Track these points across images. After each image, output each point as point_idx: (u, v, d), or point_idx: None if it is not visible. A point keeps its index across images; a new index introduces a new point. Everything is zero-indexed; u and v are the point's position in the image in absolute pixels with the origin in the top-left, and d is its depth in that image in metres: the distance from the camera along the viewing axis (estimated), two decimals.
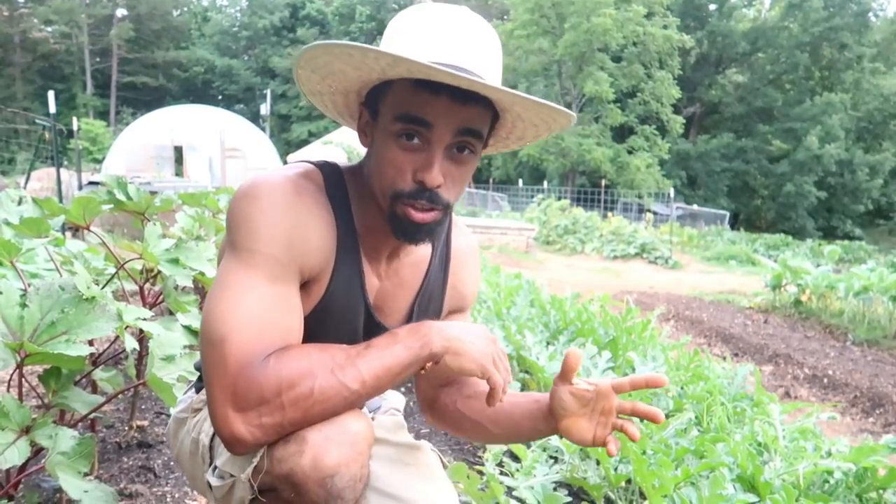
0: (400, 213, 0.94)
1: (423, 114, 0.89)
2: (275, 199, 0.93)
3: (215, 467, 0.99)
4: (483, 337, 0.96)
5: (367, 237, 1.03)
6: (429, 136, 0.91)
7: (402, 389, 3.14)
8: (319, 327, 0.99)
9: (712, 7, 32.03)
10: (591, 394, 1.04)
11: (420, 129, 0.90)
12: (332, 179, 1.01)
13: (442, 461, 1.16)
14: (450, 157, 0.93)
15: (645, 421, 2.15)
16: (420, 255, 1.11)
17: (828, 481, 1.85)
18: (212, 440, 1.05)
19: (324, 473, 0.86)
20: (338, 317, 1.02)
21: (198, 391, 1.17)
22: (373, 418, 1.18)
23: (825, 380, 4.55)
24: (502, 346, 1.01)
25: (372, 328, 1.06)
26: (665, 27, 24.85)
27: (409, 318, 1.12)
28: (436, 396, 1.24)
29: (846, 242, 20.77)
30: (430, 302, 1.14)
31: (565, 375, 1.04)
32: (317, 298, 0.99)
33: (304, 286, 0.98)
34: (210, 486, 1.00)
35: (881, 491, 1.77)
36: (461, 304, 1.21)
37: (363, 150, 1.06)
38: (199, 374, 1.19)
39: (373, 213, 1.01)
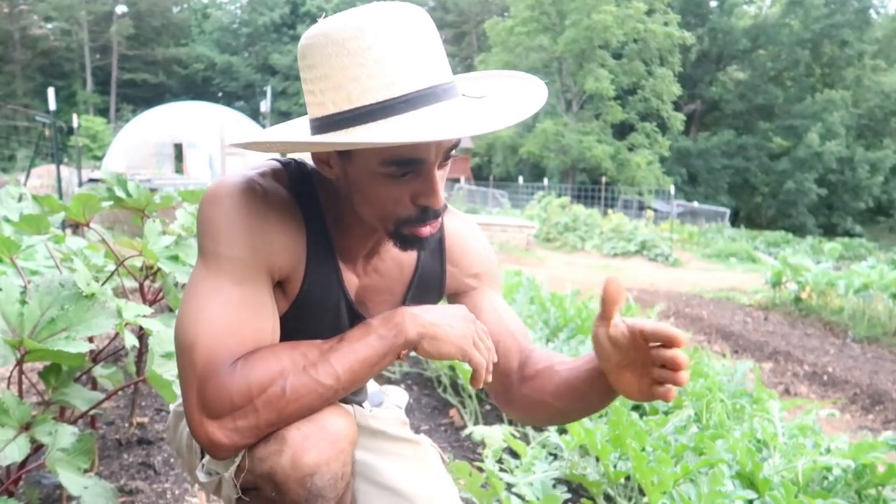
0: (407, 234, 0.92)
1: (415, 154, 0.86)
2: (235, 201, 0.91)
3: (204, 463, 0.99)
4: (461, 318, 0.95)
5: (341, 237, 1.00)
6: (421, 168, 0.87)
7: (403, 386, 3.14)
8: (300, 326, 0.98)
9: (713, 4, 31.98)
10: (625, 337, 0.87)
11: (413, 166, 0.87)
12: (299, 178, 0.99)
13: (441, 457, 1.17)
14: (439, 170, 0.91)
15: (644, 418, 2.15)
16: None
17: (827, 478, 1.85)
18: None
19: (303, 472, 0.86)
20: (318, 315, 1.00)
21: None
22: (370, 411, 1.18)
23: (825, 377, 4.55)
24: (481, 324, 0.97)
25: (357, 324, 1.05)
26: (666, 24, 24.83)
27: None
28: (505, 388, 1.11)
29: (846, 240, 20.75)
30: (425, 291, 1.11)
31: (605, 312, 0.88)
32: (292, 297, 0.98)
33: (279, 286, 0.97)
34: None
35: (880, 487, 1.77)
36: (472, 282, 1.14)
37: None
38: None
39: (348, 223, 0.99)
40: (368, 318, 1.04)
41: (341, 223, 0.99)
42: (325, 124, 0.86)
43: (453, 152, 0.91)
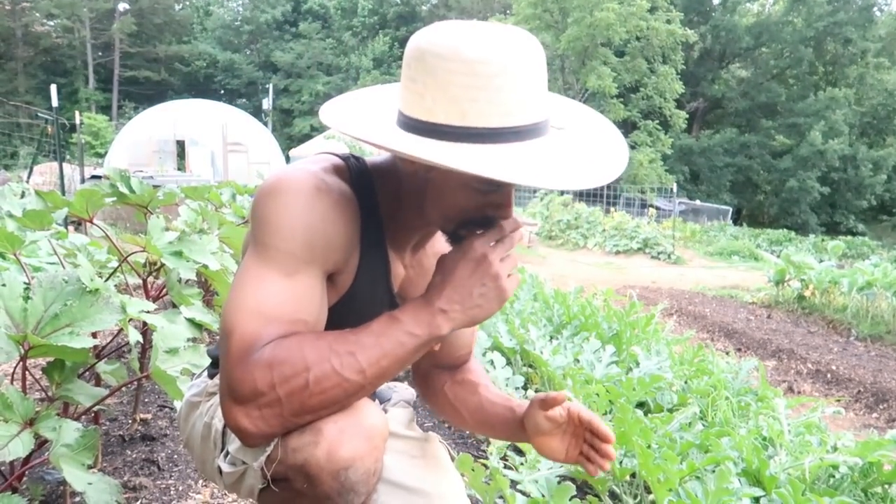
0: (465, 234, 0.95)
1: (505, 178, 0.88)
2: (298, 196, 0.91)
3: (227, 453, 0.99)
4: (476, 277, 0.91)
5: (393, 229, 1.03)
6: (505, 185, 0.91)
7: (407, 382, 3.14)
8: (345, 318, 0.99)
9: (716, 1, 31.89)
10: (563, 418, 1.07)
11: (503, 187, 0.91)
12: (359, 173, 1.01)
13: (450, 453, 1.17)
14: None
15: (649, 415, 2.15)
16: (444, 242, 1.10)
17: (833, 476, 1.84)
18: (225, 426, 1.05)
19: (338, 466, 0.85)
20: (364, 307, 1.01)
21: (211, 376, 1.16)
22: (386, 411, 1.18)
23: (828, 375, 4.54)
24: (492, 250, 0.93)
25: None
26: (668, 22, 24.76)
27: None
28: (429, 373, 1.27)
29: (849, 238, 20.71)
30: None
31: (546, 406, 1.07)
32: (343, 289, 0.99)
33: (330, 278, 0.97)
34: (220, 472, 1.00)
35: (887, 486, 1.77)
36: None
37: (366, 146, 1.05)
38: (211, 359, 1.19)
39: (404, 211, 1.01)
40: None
41: (397, 216, 1.01)
42: (429, 129, 0.85)
43: None
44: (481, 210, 0.93)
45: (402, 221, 1.02)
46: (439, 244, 1.10)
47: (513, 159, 0.83)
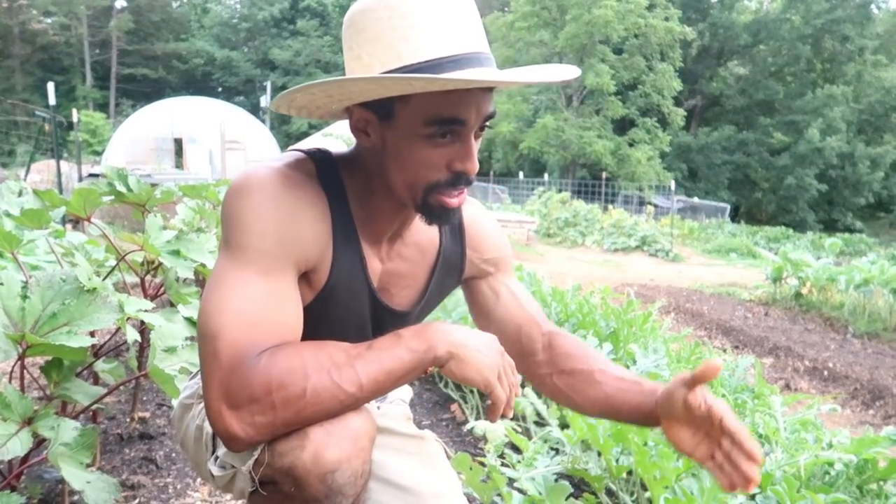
0: (434, 203, 0.94)
1: (458, 113, 0.89)
2: (264, 192, 0.91)
3: (217, 457, 0.99)
4: (491, 347, 0.93)
5: (367, 223, 1.01)
6: (461, 130, 0.90)
7: None
8: (324, 315, 0.99)
9: None
10: (700, 411, 0.93)
11: (455, 126, 0.90)
12: (325, 167, 1.00)
13: (446, 451, 1.17)
14: (475, 137, 0.94)
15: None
16: (426, 232, 1.10)
17: (829, 473, 1.85)
18: None
19: (325, 469, 0.85)
20: (342, 304, 1.01)
21: None
22: (378, 408, 1.19)
23: (825, 372, 4.55)
24: (509, 358, 0.96)
25: (379, 311, 1.06)
26: (666, 19, 24.75)
27: (421, 298, 1.12)
28: (530, 370, 1.18)
29: (847, 235, 20.74)
30: (447, 275, 1.14)
31: (694, 383, 0.93)
32: (319, 287, 0.98)
33: (304, 277, 0.97)
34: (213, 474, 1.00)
35: (882, 482, 1.77)
36: (489, 268, 1.19)
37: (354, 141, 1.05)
38: None
39: (375, 201, 1.00)
40: (391, 305, 1.07)
41: (368, 206, 1.00)
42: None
43: (488, 123, 0.94)
44: (447, 167, 0.92)
45: (374, 209, 1.01)
46: (417, 234, 1.09)
47: (451, 76, 0.84)
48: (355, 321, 1.03)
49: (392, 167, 0.94)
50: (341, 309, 1.01)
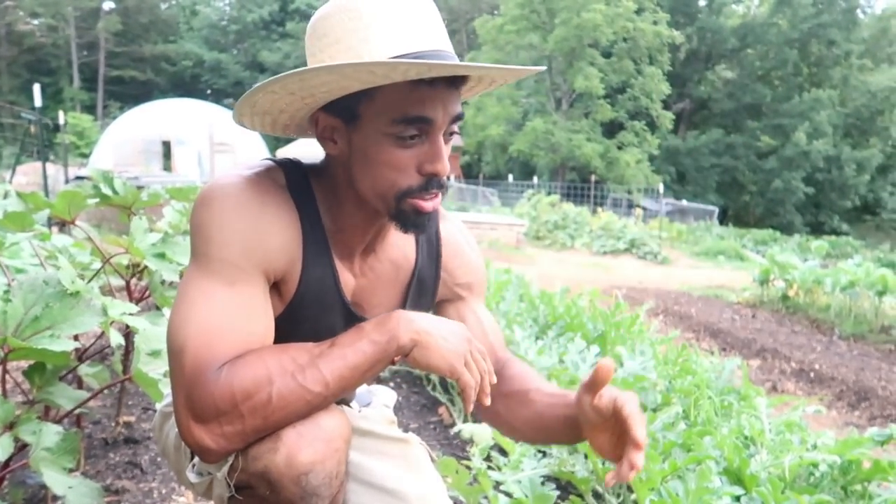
0: (408, 209, 0.92)
1: (424, 111, 0.88)
2: (229, 202, 0.90)
3: (195, 464, 0.99)
4: (457, 334, 0.92)
5: (338, 235, 1.00)
6: (429, 129, 0.89)
7: (392, 385, 3.14)
8: (295, 327, 0.98)
9: (702, 3, 32.11)
10: (608, 410, 0.92)
11: (422, 125, 0.88)
12: (295, 177, 0.98)
13: (430, 455, 1.17)
14: (444, 141, 0.93)
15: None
16: (401, 248, 1.08)
17: (813, 474, 1.86)
18: None
19: (298, 471, 0.85)
20: (313, 316, 1.00)
21: None
22: (360, 411, 1.18)
23: (812, 374, 4.59)
24: (479, 344, 0.95)
25: (353, 324, 1.04)
26: (655, 23, 24.93)
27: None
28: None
29: (833, 238, 20.94)
30: (421, 295, 1.12)
31: (593, 387, 0.92)
32: (287, 298, 0.97)
33: (274, 287, 0.96)
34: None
35: (866, 483, 1.79)
36: (462, 292, 1.16)
37: None
38: None
39: (346, 212, 0.98)
40: (364, 317, 1.03)
41: (339, 217, 0.99)
42: None
43: (456, 126, 0.93)
44: (417, 171, 0.90)
45: (344, 222, 0.99)
46: (392, 250, 1.07)
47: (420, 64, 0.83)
48: (327, 334, 1.02)
49: (361, 174, 0.93)
50: (311, 321, 1.00)
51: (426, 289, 1.12)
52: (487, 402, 0.93)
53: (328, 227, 0.99)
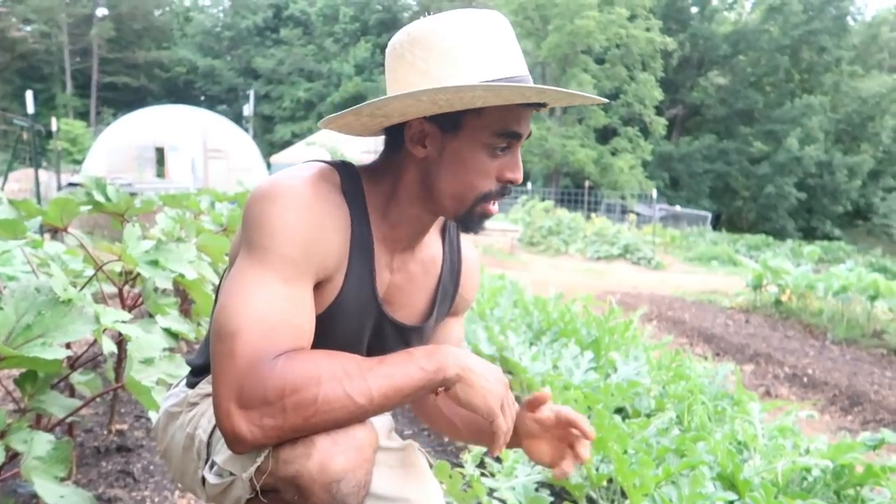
0: (480, 212, 1.01)
1: (520, 128, 0.98)
2: (293, 201, 0.93)
3: (213, 464, 0.98)
4: (497, 378, 0.97)
5: (385, 233, 1.04)
6: (515, 143, 1.00)
7: None
8: (329, 325, 1.00)
9: (694, 10, 32.32)
10: (550, 420, 1.09)
11: (513, 139, 0.98)
12: (349, 179, 1.02)
13: (428, 461, 1.17)
14: None
15: (627, 421, 2.16)
16: (430, 253, 1.13)
17: (806, 479, 1.87)
18: (210, 436, 1.05)
19: (330, 478, 0.86)
20: (350, 314, 1.03)
21: (191, 386, 1.16)
22: None
23: (805, 378, 4.60)
24: (511, 393, 1.00)
25: (382, 322, 1.07)
26: (648, 30, 25.05)
27: (430, 314, 1.14)
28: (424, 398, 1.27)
29: (826, 243, 21.05)
30: (443, 301, 1.17)
31: (532, 408, 1.09)
32: (330, 298, 1.00)
33: (318, 287, 0.98)
34: (204, 482, 0.99)
35: (858, 487, 1.79)
36: (458, 309, 1.25)
37: (347, 151, 1.07)
38: (190, 369, 1.18)
39: (402, 210, 1.03)
40: (395, 317, 1.09)
41: (390, 215, 1.04)
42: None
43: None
44: (495, 177, 0.99)
45: (397, 218, 1.04)
46: (426, 251, 1.12)
47: (543, 90, 0.93)
48: (358, 333, 1.05)
49: (447, 177, 0.99)
50: (348, 319, 1.03)
51: (447, 296, 1.18)
52: (501, 450, 1.00)
53: (375, 227, 1.03)
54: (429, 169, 1.00)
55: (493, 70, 0.94)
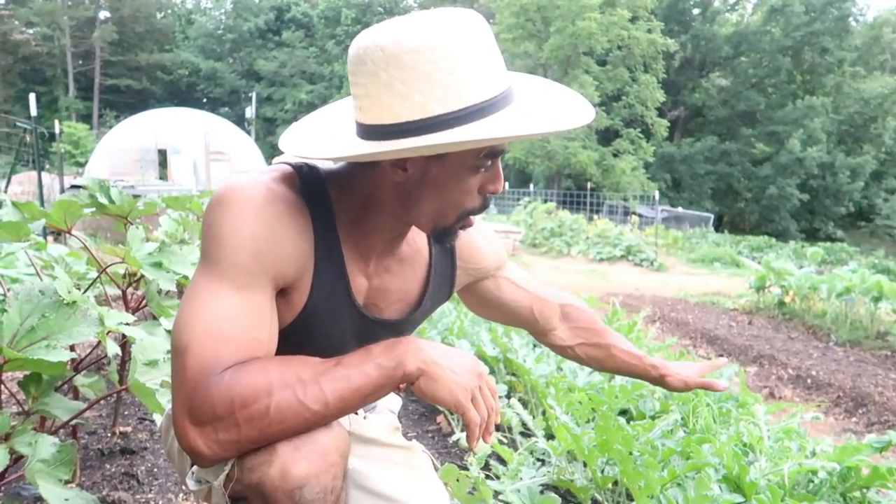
0: (460, 227, 0.98)
1: (503, 145, 0.94)
2: (244, 206, 0.90)
3: (194, 471, 0.98)
4: (467, 367, 0.91)
5: (356, 240, 1.00)
6: (497, 156, 0.96)
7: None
8: (307, 335, 0.98)
9: (696, 11, 32.32)
10: (689, 389, 1.37)
11: (496, 157, 0.94)
12: (311, 182, 0.98)
13: (433, 462, 1.17)
14: None
15: (632, 423, 2.16)
16: (414, 245, 1.10)
17: (812, 481, 1.86)
18: None
19: (292, 485, 0.84)
20: (325, 322, 1.00)
21: None
22: (365, 417, 1.18)
23: (808, 380, 4.59)
24: (491, 380, 0.95)
25: (368, 326, 1.05)
26: (649, 31, 25.04)
27: (417, 308, 1.11)
28: (551, 339, 1.40)
29: (828, 244, 21.00)
30: (438, 290, 1.15)
31: (695, 385, 1.37)
32: (299, 306, 0.97)
33: (284, 295, 0.95)
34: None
35: (864, 490, 1.79)
36: (483, 272, 1.24)
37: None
38: None
39: (372, 221, 0.99)
40: (381, 317, 1.06)
41: (362, 224, 0.99)
42: (429, 125, 0.85)
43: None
44: (479, 191, 0.96)
45: (369, 228, 1.00)
46: (406, 247, 1.08)
47: (515, 118, 0.88)
48: (338, 339, 1.02)
49: (428, 198, 0.95)
50: (324, 328, 1.00)
51: (443, 280, 1.15)
52: (490, 441, 0.94)
53: (344, 233, 0.99)
54: (408, 190, 0.95)
55: (482, 90, 0.86)
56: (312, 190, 0.98)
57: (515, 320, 1.34)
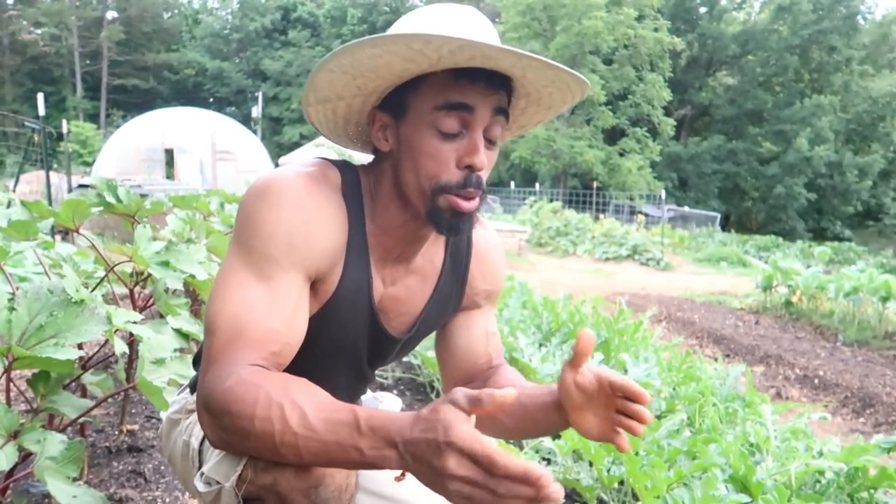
0: (445, 206, 0.92)
1: (466, 98, 0.89)
2: (284, 197, 0.91)
3: (203, 472, 0.98)
4: (458, 464, 0.70)
5: (378, 239, 1.01)
6: (470, 121, 0.91)
7: (395, 392, 3.13)
8: (324, 328, 0.98)
9: (702, 10, 32.20)
10: (593, 385, 0.92)
11: (463, 114, 0.90)
12: (350, 179, 1.00)
13: None
14: (485, 143, 0.93)
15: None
16: (429, 261, 1.08)
17: (819, 481, 1.85)
18: (201, 444, 1.04)
19: (307, 484, 0.84)
20: (343, 320, 1.00)
21: (192, 392, 1.16)
22: None
23: (816, 380, 4.57)
24: (467, 442, 0.69)
25: (376, 333, 1.05)
26: (656, 30, 24.96)
27: (413, 327, 1.10)
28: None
29: (836, 243, 20.89)
30: (438, 314, 1.12)
31: (576, 361, 0.91)
32: (325, 298, 0.98)
33: (312, 286, 0.96)
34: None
35: (872, 490, 1.78)
36: (480, 301, 1.16)
37: (355, 153, 1.05)
38: (195, 373, 1.18)
39: (389, 215, 0.99)
40: (387, 328, 1.05)
41: (381, 219, 1.00)
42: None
43: (497, 132, 0.94)
44: (454, 165, 0.91)
45: (386, 223, 0.99)
46: (422, 261, 1.07)
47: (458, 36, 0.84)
48: (352, 339, 1.02)
49: (406, 168, 0.94)
50: (340, 324, 1.00)
51: (444, 307, 1.12)
52: (518, 393, 0.85)
53: (370, 230, 1.00)
54: (396, 164, 0.96)
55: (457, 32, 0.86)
56: (349, 185, 0.99)
57: (451, 360, 1.16)
